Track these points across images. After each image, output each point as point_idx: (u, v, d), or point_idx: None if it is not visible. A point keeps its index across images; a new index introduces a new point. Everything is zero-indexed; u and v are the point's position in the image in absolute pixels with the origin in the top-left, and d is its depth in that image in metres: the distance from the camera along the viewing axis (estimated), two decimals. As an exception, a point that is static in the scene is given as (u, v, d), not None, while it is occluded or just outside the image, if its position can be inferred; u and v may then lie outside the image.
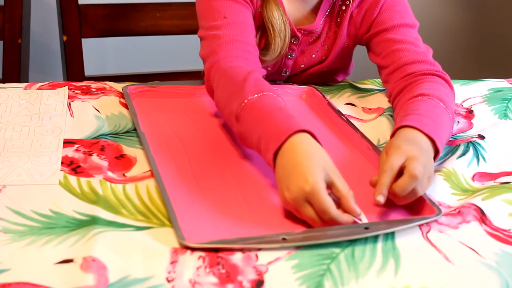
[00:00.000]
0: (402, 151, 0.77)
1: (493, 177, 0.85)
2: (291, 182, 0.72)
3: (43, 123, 0.91)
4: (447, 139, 0.89)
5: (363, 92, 1.09)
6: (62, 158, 0.82)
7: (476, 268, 0.67)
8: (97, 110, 0.96)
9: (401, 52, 1.00)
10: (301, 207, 0.71)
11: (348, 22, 1.05)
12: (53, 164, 0.81)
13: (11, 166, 0.80)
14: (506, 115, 1.02)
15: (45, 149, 0.84)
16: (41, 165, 0.80)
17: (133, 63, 1.87)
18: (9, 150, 0.84)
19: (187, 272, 0.64)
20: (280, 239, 0.68)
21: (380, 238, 0.71)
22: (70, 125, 0.91)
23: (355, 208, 0.71)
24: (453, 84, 0.98)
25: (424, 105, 0.88)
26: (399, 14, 1.03)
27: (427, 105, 0.89)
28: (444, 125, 0.87)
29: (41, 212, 0.71)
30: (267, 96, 0.83)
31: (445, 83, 0.96)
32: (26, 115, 0.93)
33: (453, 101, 0.96)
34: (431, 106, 0.88)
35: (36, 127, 0.90)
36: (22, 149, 0.84)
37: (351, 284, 0.64)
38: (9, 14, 1.33)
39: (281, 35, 1.01)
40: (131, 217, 0.72)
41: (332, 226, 0.71)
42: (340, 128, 0.95)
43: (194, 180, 0.80)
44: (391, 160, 0.76)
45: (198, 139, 0.90)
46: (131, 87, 1.00)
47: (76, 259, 0.64)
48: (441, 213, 0.74)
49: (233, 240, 0.68)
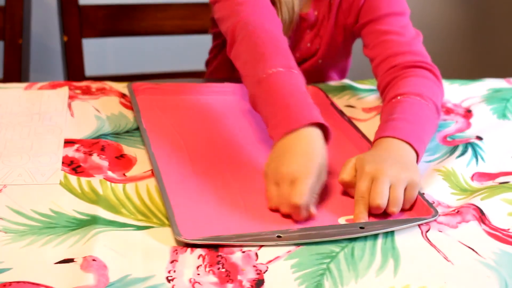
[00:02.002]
0: (366, 174, 0.76)
1: (492, 177, 0.85)
2: (288, 160, 0.75)
3: (43, 123, 0.91)
4: (430, 133, 0.88)
5: (363, 92, 1.09)
6: (62, 158, 0.82)
7: (475, 268, 0.68)
8: (97, 110, 0.96)
9: (386, 43, 1.00)
10: (273, 184, 0.75)
11: (337, 10, 1.05)
12: (54, 164, 0.81)
13: (12, 166, 0.80)
14: (505, 115, 1.02)
15: (46, 149, 0.84)
16: (41, 165, 0.81)
17: (133, 63, 1.87)
18: (10, 150, 0.84)
19: (187, 271, 0.64)
20: (275, 237, 0.69)
21: (380, 237, 0.71)
22: (70, 125, 0.91)
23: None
24: (440, 75, 0.98)
25: (400, 107, 0.88)
26: (386, 2, 1.03)
27: (403, 106, 0.88)
28: (423, 121, 0.87)
29: (41, 212, 0.72)
30: (295, 75, 0.84)
31: (428, 74, 0.96)
32: (26, 115, 0.93)
33: (438, 92, 0.95)
34: (407, 105, 0.88)
35: (37, 127, 0.90)
36: (22, 149, 0.84)
37: (351, 284, 0.64)
38: (9, 14, 1.33)
39: (289, 7, 1.01)
40: (131, 216, 0.72)
41: (329, 225, 0.71)
42: (342, 128, 0.95)
43: (193, 177, 0.80)
44: (359, 187, 0.75)
45: (200, 136, 0.90)
46: (136, 84, 1.00)
47: (76, 259, 0.64)
48: (437, 215, 0.74)
49: (229, 236, 0.68)
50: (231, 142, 0.90)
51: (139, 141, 0.88)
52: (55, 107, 0.96)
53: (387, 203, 0.74)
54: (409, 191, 0.76)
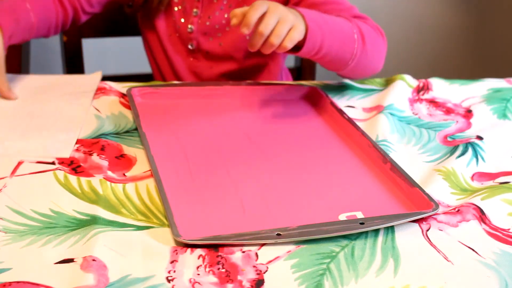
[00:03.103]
0: (259, 4, 0.84)
1: (492, 177, 0.85)
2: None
3: (71, 102, 0.98)
4: (333, 31, 0.93)
5: (363, 92, 1.09)
6: (62, 158, 0.82)
7: (475, 268, 0.68)
8: (97, 110, 0.96)
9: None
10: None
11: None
12: (70, 139, 0.87)
13: (31, 141, 0.86)
14: (505, 115, 1.02)
15: (66, 125, 0.90)
16: (58, 140, 0.86)
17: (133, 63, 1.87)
18: (33, 124, 0.90)
19: (187, 271, 0.64)
20: (275, 235, 0.69)
21: (380, 237, 0.71)
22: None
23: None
24: (382, 32, 1.03)
25: (330, 15, 0.95)
26: None
27: (332, 16, 0.95)
28: (332, 21, 0.93)
29: (41, 212, 0.72)
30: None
31: (370, 25, 1.01)
32: (54, 94, 1.00)
33: (372, 31, 1.00)
34: (334, 17, 0.95)
35: (64, 105, 0.97)
36: (44, 123, 0.90)
37: (351, 284, 0.64)
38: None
39: None
40: (131, 216, 0.72)
41: (329, 222, 0.71)
42: (343, 127, 0.95)
43: (191, 178, 0.80)
44: (249, 12, 0.84)
45: (198, 138, 0.90)
46: (135, 89, 1.00)
47: (76, 259, 0.64)
48: (438, 208, 0.74)
49: (228, 236, 0.68)
50: (229, 144, 0.90)
51: (139, 141, 0.88)
52: (84, 88, 1.02)
53: (269, 34, 0.83)
54: (292, 31, 0.85)
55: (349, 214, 0.75)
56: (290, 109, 1.02)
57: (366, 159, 0.87)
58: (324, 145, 0.91)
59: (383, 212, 0.75)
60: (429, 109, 1.04)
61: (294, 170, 0.84)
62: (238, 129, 0.94)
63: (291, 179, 0.82)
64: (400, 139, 0.94)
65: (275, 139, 0.92)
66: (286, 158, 0.87)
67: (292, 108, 1.02)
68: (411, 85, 1.11)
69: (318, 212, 0.75)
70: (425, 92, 1.10)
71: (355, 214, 0.74)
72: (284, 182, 0.81)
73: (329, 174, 0.84)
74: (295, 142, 0.92)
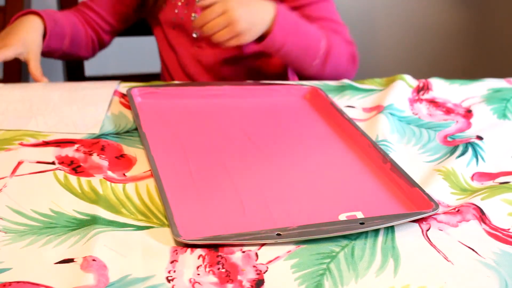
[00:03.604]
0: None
1: (492, 177, 0.85)
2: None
3: (96, 86, 1.04)
4: (301, 30, 1.02)
5: (363, 92, 1.09)
6: (62, 158, 0.82)
7: (475, 268, 0.68)
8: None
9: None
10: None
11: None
12: (99, 115, 0.92)
13: (62, 116, 0.91)
14: (505, 115, 1.02)
15: (95, 100, 0.96)
16: (87, 116, 0.91)
17: (133, 63, 1.87)
18: (63, 100, 0.95)
19: (187, 271, 0.64)
20: (275, 235, 0.69)
21: (380, 237, 0.71)
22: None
23: None
24: (356, 54, 1.13)
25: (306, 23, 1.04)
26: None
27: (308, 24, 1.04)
28: (304, 25, 1.02)
29: (41, 212, 0.72)
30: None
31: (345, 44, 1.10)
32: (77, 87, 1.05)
33: (342, 46, 1.10)
34: (309, 25, 1.04)
35: (88, 88, 1.03)
36: (74, 100, 0.96)
37: (351, 284, 0.64)
38: (10, 14, 1.33)
39: None
40: (131, 216, 0.72)
41: (328, 222, 0.71)
42: (343, 127, 0.95)
43: (192, 178, 0.80)
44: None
45: (199, 140, 0.90)
46: (135, 89, 1.00)
47: (76, 259, 0.64)
48: (438, 208, 0.75)
49: (228, 236, 0.68)
50: (229, 144, 0.90)
51: (139, 141, 0.88)
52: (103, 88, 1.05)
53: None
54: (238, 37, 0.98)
55: (349, 214, 0.75)
56: (290, 109, 1.02)
57: (366, 159, 0.88)
58: (324, 145, 0.92)
59: (383, 212, 0.75)
60: (429, 109, 1.04)
61: (294, 170, 0.84)
62: (238, 129, 0.94)
63: (291, 179, 0.82)
64: (400, 139, 0.94)
65: (275, 139, 0.92)
66: (286, 158, 0.87)
67: (292, 108, 1.03)
68: (411, 85, 1.11)
69: (318, 212, 0.75)
70: (425, 92, 1.10)
71: (355, 214, 0.74)
72: (284, 182, 0.81)
73: (329, 174, 0.84)
74: (295, 142, 0.92)
